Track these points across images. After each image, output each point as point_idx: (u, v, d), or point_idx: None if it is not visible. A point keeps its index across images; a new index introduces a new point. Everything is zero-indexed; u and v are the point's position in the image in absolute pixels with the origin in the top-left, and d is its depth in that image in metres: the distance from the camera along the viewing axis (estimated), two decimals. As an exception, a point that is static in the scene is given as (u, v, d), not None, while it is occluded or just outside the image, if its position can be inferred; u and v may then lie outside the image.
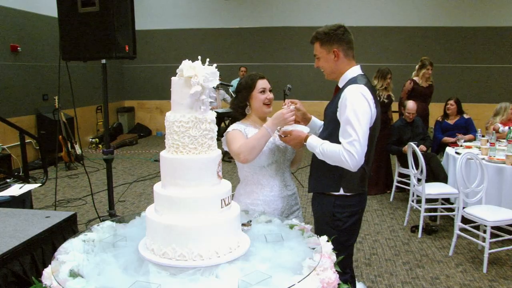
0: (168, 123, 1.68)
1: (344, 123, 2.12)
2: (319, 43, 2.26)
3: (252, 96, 2.40)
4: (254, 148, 2.22)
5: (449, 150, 5.13)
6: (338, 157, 2.10)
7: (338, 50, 2.23)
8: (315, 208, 2.39)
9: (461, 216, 3.95)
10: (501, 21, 9.98)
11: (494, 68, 10.22)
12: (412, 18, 10.22)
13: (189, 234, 1.58)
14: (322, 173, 2.31)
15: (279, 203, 2.44)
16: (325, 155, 2.17)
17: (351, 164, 2.08)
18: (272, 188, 2.43)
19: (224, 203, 1.67)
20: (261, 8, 10.81)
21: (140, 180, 6.86)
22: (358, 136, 2.07)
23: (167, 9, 11.14)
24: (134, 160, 8.46)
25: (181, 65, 1.66)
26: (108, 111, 4.08)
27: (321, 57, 2.28)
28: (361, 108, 2.11)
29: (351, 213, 2.31)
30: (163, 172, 1.70)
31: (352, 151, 2.07)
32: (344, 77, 2.27)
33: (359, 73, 2.27)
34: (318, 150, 2.18)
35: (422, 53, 8.70)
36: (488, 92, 10.10)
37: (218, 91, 8.70)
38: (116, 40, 3.69)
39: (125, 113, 11.40)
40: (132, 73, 11.59)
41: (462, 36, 10.18)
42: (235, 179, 6.83)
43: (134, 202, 5.71)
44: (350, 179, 2.25)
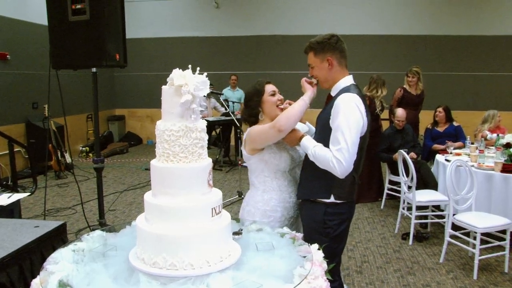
0: (159, 132, 1.68)
1: (335, 130, 2.14)
2: (313, 53, 2.30)
3: (263, 101, 2.42)
4: (293, 116, 2.25)
5: (439, 157, 5.18)
6: (327, 163, 2.13)
7: (331, 59, 2.26)
8: (305, 215, 2.39)
9: (451, 223, 3.98)
10: (491, 30, 10.13)
11: (482, 76, 10.37)
12: (402, 26, 10.35)
13: (180, 243, 1.57)
14: (313, 180, 2.31)
15: (296, 210, 2.47)
16: (316, 158, 2.19)
17: (339, 171, 2.11)
18: (290, 194, 2.44)
19: (215, 212, 1.67)
20: (253, 17, 10.87)
21: (130, 189, 6.82)
22: (347, 144, 2.09)
23: (158, 18, 11.16)
24: (125, 169, 8.41)
25: (171, 73, 1.66)
26: (98, 119, 4.07)
27: (315, 66, 2.31)
28: (352, 117, 2.13)
29: (341, 221, 2.32)
30: (153, 181, 1.70)
31: (341, 158, 2.09)
32: (337, 86, 2.30)
33: (351, 82, 2.30)
34: (311, 151, 2.21)
35: (412, 61, 8.80)
36: (477, 100, 10.22)
37: (208, 99, 8.71)
38: (106, 48, 3.69)
39: (116, 122, 11.35)
40: (123, 82, 11.56)
41: (451, 45, 10.32)
42: (226, 187, 6.85)
43: (124, 211, 5.67)
44: (341, 187, 2.26)
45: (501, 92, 10.20)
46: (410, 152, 5.30)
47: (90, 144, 9.58)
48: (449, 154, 5.23)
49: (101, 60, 3.71)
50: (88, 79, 4.49)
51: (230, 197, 6.21)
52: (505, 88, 10.24)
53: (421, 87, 6.21)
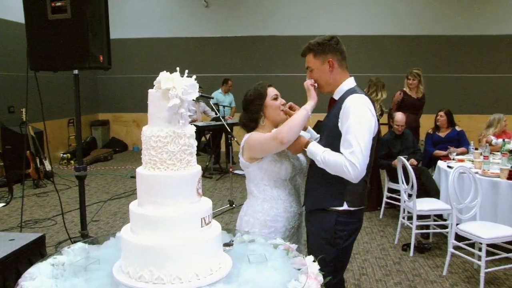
0: (145, 138, 1.69)
1: (345, 132, 2.15)
2: (313, 54, 2.31)
3: (265, 105, 2.43)
4: (295, 127, 2.25)
5: (440, 163, 5.21)
6: (340, 168, 2.13)
7: (332, 60, 2.29)
8: (313, 225, 2.37)
9: (454, 233, 3.98)
10: (495, 29, 10.21)
11: (487, 78, 10.43)
12: (402, 26, 10.43)
13: (167, 255, 1.57)
14: (321, 188, 2.31)
15: (297, 219, 2.48)
16: (326, 164, 2.19)
17: (353, 175, 2.12)
18: (291, 203, 2.45)
19: (204, 222, 1.68)
20: (245, 16, 10.92)
21: (115, 198, 6.79)
22: (360, 146, 2.11)
23: (144, 17, 11.17)
24: (109, 176, 8.37)
25: (158, 76, 1.67)
26: (80, 124, 4.06)
27: (315, 68, 2.32)
28: (364, 118, 2.16)
29: (352, 231, 2.33)
30: (139, 189, 1.70)
31: (355, 161, 2.10)
32: (340, 89, 2.32)
33: (355, 84, 2.34)
34: (320, 157, 2.21)
35: (413, 62, 8.88)
36: (481, 103, 10.28)
37: (198, 103, 8.71)
38: (89, 49, 3.68)
39: (99, 127, 11.31)
40: (107, 85, 11.54)
41: (454, 45, 10.39)
42: (216, 196, 6.85)
43: (108, 222, 5.64)
44: (353, 193, 2.26)
45: (507, 95, 10.27)
46: (410, 158, 5.34)
47: (72, 150, 9.52)
48: (452, 160, 5.27)
49: (84, 61, 3.70)
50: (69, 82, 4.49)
51: (220, 206, 6.20)
52: (511, 90, 10.31)
53: (422, 90, 6.26)
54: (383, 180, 6.04)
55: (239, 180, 7.74)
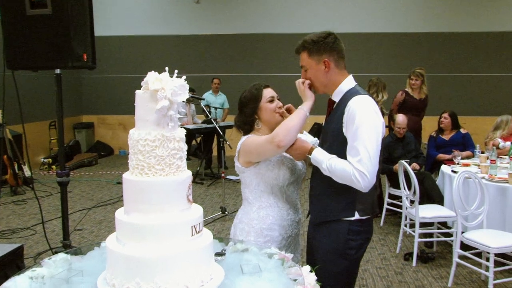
0: (132, 142, 1.69)
1: (352, 139, 2.12)
2: (307, 53, 2.27)
3: (260, 108, 2.42)
4: (292, 129, 2.22)
5: (444, 168, 5.24)
6: (348, 177, 2.10)
7: (328, 60, 2.24)
8: (323, 238, 2.32)
9: (460, 242, 3.99)
10: (501, 25, 10.27)
11: (494, 77, 10.48)
12: (403, 23, 10.48)
13: (156, 266, 1.57)
14: (331, 198, 2.27)
15: (293, 229, 2.48)
16: (333, 173, 2.15)
17: (363, 185, 2.08)
18: (288, 211, 2.45)
19: (195, 231, 1.68)
20: (237, 13, 10.95)
21: (100, 205, 6.77)
22: (369, 153, 2.07)
23: (131, 13, 11.17)
24: (94, 182, 8.35)
25: (146, 76, 1.68)
26: (63, 127, 4.04)
27: (310, 68, 2.28)
28: (371, 121, 2.12)
29: (364, 240, 2.30)
30: (126, 196, 1.70)
31: (364, 170, 2.06)
32: (339, 89, 2.28)
33: (355, 83, 2.30)
34: (325, 165, 2.16)
35: (415, 61, 8.94)
36: (488, 104, 10.33)
37: (188, 105, 8.72)
38: (72, 47, 3.67)
39: (83, 130, 11.28)
40: (91, 85, 11.51)
41: (458, 43, 10.43)
42: (208, 203, 6.84)
43: (93, 231, 5.62)
44: (365, 201, 2.23)
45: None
46: (412, 162, 5.37)
47: (54, 155, 9.49)
48: (456, 164, 5.29)
49: (66, 60, 3.69)
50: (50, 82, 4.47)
51: (212, 214, 6.19)
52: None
53: (425, 90, 6.30)
54: (383, 186, 6.07)
55: (231, 186, 7.74)
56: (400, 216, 5.40)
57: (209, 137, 8.86)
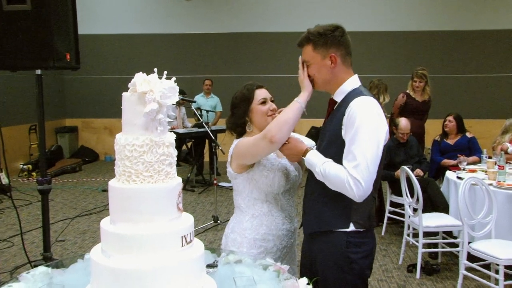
0: (119, 147, 1.69)
1: (350, 142, 2.07)
2: (312, 46, 2.21)
3: (251, 110, 2.42)
4: (286, 123, 2.18)
5: (449, 174, 5.25)
6: (341, 184, 2.05)
7: (335, 56, 2.19)
8: (320, 250, 2.26)
9: (466, 252, 3.99)
10: (510, 23, 10.29)
11: (501, 78, 10.50)
12: (404, 21, 10.52)
13: (144, 279, 1.57)
14: (324, 207, 2.22)
15: (288, 239, 2.47)
16: (326, 178, 2.10)
17: (357, 194, 2.03)
18: (283, 220, 2.44)
19: (185, 241, 1.68)
20: (230, 11, 10.97)
21: (84, 214, 6.75)
22: (367, 160, 2.02)
23: (118, 10, 11.17)
24: (77, 190, 8.31)
25: (133, 78, 1.68)
26: (44, 131, 4.02)
27: (314, 63, 2.22)
28: (372, 125, 2.08)
29: (367, 252, 2.23)
30: (112, 204, 1.70)
31: (359, 177, 2.01)
32: (342, 89, 2.23)
33: (360, 84, 2.26)
34: (319, 169, 2.12)
35: (417, 61, 8.96)
36: (495, 106, 10.35)
37: (179, 108, 8.72)
38: (54, 46, 3.66)
39: (66, 134, 11.24)
40: (75, 86, 11.49)
41: (462, 41, 10.46)
42: (199, 211, 6.83)
43: (76, 242, 5.60)
44: (361, 212, 2.18)
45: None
46: (415, 168, 5.38)
47: (34, 161, 9.45)
48: (462, 170, 5.30)
49: (47, 60, 3.67)
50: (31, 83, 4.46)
51: (203, 223, 6.19)
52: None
53: (428, 92, 6.32)
54: (385, 193, 6.08)
55: (224, 193, 7.73)
56: (402, 225, 5.41)
57: (200, 142, 8.86)
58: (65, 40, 3.81)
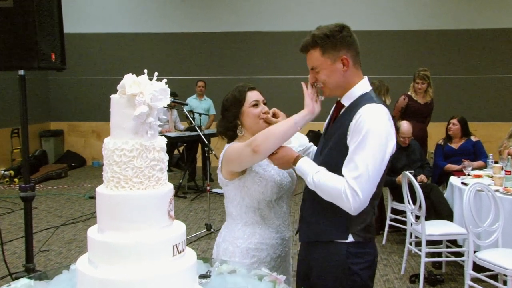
0: (107, 152, 1.69)
1: (353, 151, 2.04)
2: (320, 50, 2.14)
3: (243, 113, 2.42)
4: (274, 136, 2.17)
5: (453, 180, 5.25)
6: (337, 194, 2.02)
7: (347, 57, 2.14)
8: (316, 260, 2.25)
9: (472, 262, 3.98)
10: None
11: (508, 79, 10.51)
12: (406, 20, 10.54)
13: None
14: (322, 216, 2.19)
15: (282, 248, 2.47)
16: (320, 187, 2.08)
17: (353, 206, 2.00)
18: (277, 228, 2.45)
19: (177, 250, 1.68)
20: (224, 9, 10.98)
21: (70, 223, 6.72)
22: (369, 172, 2.00)
23: (106, 8, 11.17)
24: (63, 197, 8.29)
25: (122, 79, 1.68)
26: (27, 135, 4.01)
27: (324, 68, 2.16)
28: (380, 136, 2.04)
29: (369, 263, 2.22)
30: (100, 212, 1.70)
31: (358, 189, 1.98)
32: (351, 93, 2.19)
33: (370, 88, 2.22)
34: (311, 178, 2.10)
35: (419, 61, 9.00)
36: (501, 109, 10.39)
37: (170, 111, 8.72)
38: (38, 45, 3.64)
39: (51, 138, 11.22)
40: (61, 88, 11.47)
41: (468, 41, 10.48)
42: (191, 219, 6.83)
43: (61, 252, 5.57)
44: (360, 223, 2.16)
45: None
46: (417, 173, 5.40)
47: (16, 166, 9.42)
48: (467, 176, 5.31)
49: (31, 60, 3.66)
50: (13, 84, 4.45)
51: (196, 231, 6.18)
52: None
53: (431, 93, 6.35)
54: (385, 200, 6.09)
55: (218, 200, 7.73)
56: (404, 233, 5.41)
57: (193, 146, 8.85)
58: (50, 39, 3.81)
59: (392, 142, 2.09)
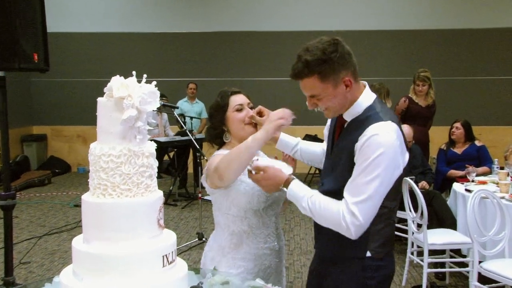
0: (93, 157, 1.69)
1: (360, 174, 1.98)
2: (318, 78, 2.01)
3: (227, 118, 2.43)
4: (232, 161, 2.16)
5: (457, 186, 5.26)
6: (336, 219, 1.98)
7: (349, 78, 2.03)
8: (332, 273, 2.22)
9: (477, 273, 3.97)
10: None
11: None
12: (406, 19, 10.53)
13: (121, 304, 1.57)
14: (337, 233, 2.07)
15: (271, 259, 2.48)
16: (316, 212, 2.04)
17: (354, 232, 1.96)
18: (266, 238, 2.45)
19: (167, 261, 1.68)
20: (216, 8, 10.99)
21: (53, 232, 6.69)
22: (372, 197, 1.96)
23: (92, 6, 11.15)
24: (46, 206, 8.25)
25: (110, 82, 1.68)
26: (8, 140, 4.00)
27: (326, 95, 2.05)
28: (390, 160, 1.98)
29: (385, 277, 2.20)
30: (85, 221, 1.70)
31: (358, 213, 1.94)
32: (355, 108, 2.10)
33: (374, 97, 2.13)
34: (306, 203, 2.05)
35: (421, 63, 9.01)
36: (507, 112, 10.40)
37: (160, 115, 8.71)
38: (19, 45, 3.63)
39: (34, 143, 11.17)
40: (44, 90, 11.42)
41: (471, 41, 10.45)
42: (182, 228, 6.82)
43: (43, 264, 5.54)
44: (379, 238, 2.12)
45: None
46: (418, 180, 5.41)
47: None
48: (471, 182, 5.32)
49: (12, 61, 3.64)
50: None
51: (187, 241, 6.17)
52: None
53: (433, 95, 6.37)
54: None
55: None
56: (405, 242, 5.41)
57: (183, 152, 8.84)
58: (32, 39, 3.79)
59: (401, 164, 2.06)
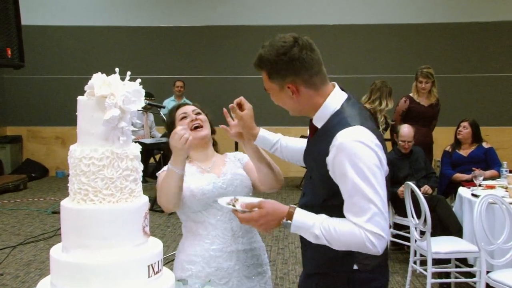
0: (73, 160, 1.69)
1: (349, 194, 1.97)
2: (266, 74, 2.12)
3: None
4: (162, 190, 2.42)
5: (462, 191, 5.26)
6: (359, 242, 1.94)
7: (294, 85, 2.05)
8: (316, 286, 2.21)
9: (485, 284, 3.99)
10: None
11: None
12: (409, 12, 10.53)
13: (103, 317, 1.57)
14: (323, 247, 2.05)
15: (222, 261, 2.50)
16: (333, 239, 1.98)
17: (380, 248, 1.94)
18: (213, 240, 2.51)
19: (153, 271, 1.68)
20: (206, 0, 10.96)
21: (29, 241, 6.66)
22: (378, 206, 1.94)
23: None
24: (21, 212, 8.21)
25: (91, 79, 1.69)
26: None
27: (273, 93, 2.16)
28: (369, 166, 1.95)
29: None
30: (65, 229, 1.70)
31: (378, 230, 1.92)
32: (321, 113, 2.10)
33: (342, 100, 2.11)
34: (319, 231, 1.98)
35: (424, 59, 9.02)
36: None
37: (146, 114, 8.69)
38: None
39: (7, 145, 11.12)
40: (18, 88, 11.36)
41: (479, 36, 10.45)
42: (169, 236, 6.82)
43: (18, 276, 5.51)
44: None
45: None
46: (422, 184, 5.42)
47: (-31, 178, 9.33)
48: (478, 186, 5.32)
49: (-16, 57, 3.66)
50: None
51: (174, 249, 6.12)
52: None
53: (436, 94, 6.37)
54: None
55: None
56: (407, 250, 5.42)
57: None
58: (5, 33, 3.79)
59: (383, 160, 2.03)
